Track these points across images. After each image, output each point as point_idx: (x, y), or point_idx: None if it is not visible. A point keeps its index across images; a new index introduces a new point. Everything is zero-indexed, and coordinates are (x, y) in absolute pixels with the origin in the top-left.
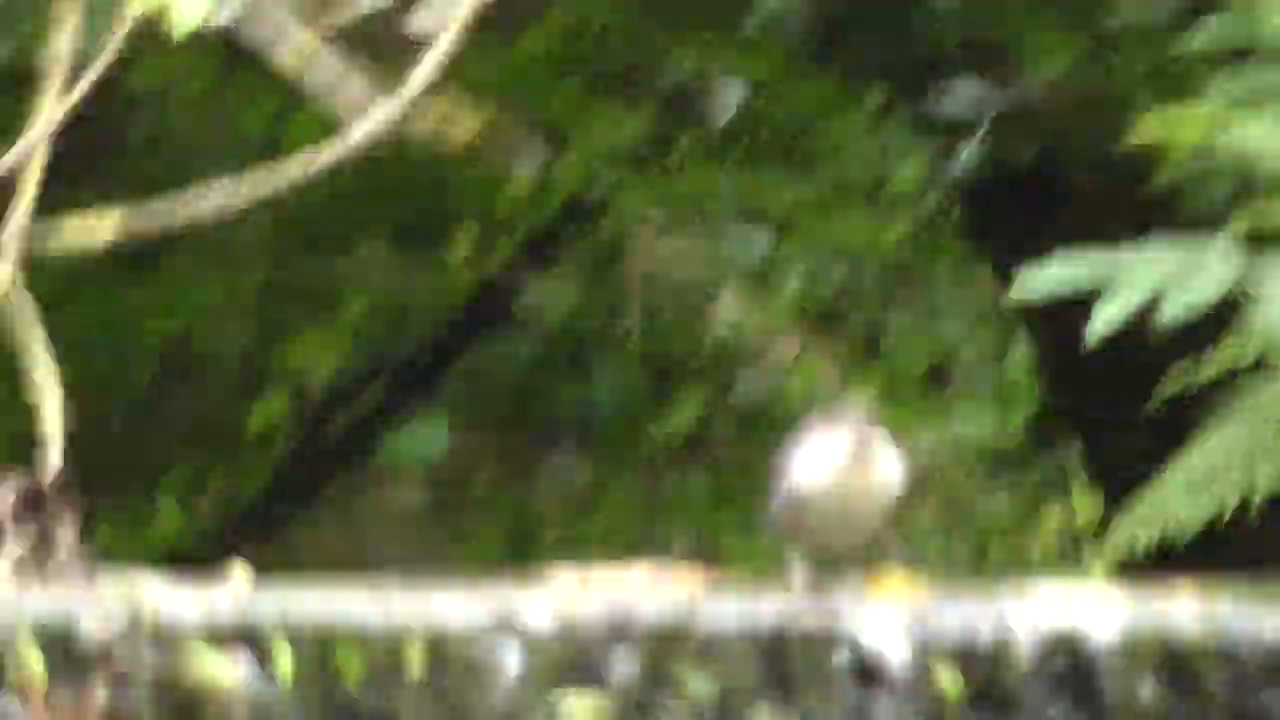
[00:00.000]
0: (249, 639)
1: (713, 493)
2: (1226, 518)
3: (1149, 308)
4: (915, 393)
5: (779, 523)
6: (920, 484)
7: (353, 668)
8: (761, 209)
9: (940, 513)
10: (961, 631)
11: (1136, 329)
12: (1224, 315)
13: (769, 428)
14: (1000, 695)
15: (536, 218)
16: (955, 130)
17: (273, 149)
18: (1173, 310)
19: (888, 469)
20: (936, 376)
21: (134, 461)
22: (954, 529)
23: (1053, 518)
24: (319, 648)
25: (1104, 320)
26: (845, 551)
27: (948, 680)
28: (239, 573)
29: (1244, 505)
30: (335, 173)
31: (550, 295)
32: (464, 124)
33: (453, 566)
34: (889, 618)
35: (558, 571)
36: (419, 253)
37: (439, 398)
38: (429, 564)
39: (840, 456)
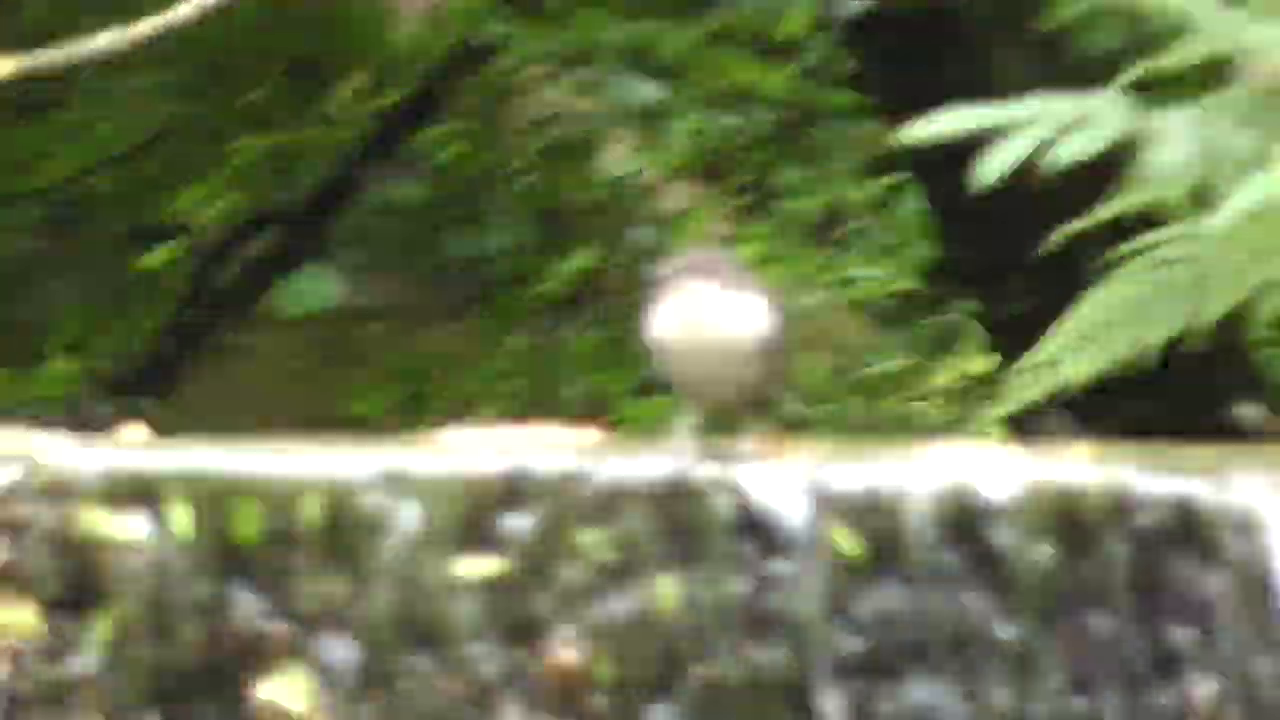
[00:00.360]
0: (144, 494)
1: (603, 345)
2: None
3: (1039, 156)
4: (805, 243)
5: (657, 376)
6: (809, 337)
7: (249, 523)
8: (651, 55)
9: (831, 366)
10: (856, 490)
11: (1027, 183)
12: (1114, 167)
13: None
14: (897, 555)
15: (425, 61)
16: None
17: None
18: (1064, 157)
19: (742, 320)
20: (826, 227)
21: (23, 312)
22: (845, 383)
23: (944, 372)
24: (214, 503)
25: (996, 165)
26: (730, 404)
27: (843, 539)
28: (133, 426)
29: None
30: (226, 14)
31: (439, 141)
32: None
33: (343, 419)
34: (783, 475)
35: (452, 429)
36: (309, 96)
37: (328, 246)
38: (319, 416)
39: (688, 309)
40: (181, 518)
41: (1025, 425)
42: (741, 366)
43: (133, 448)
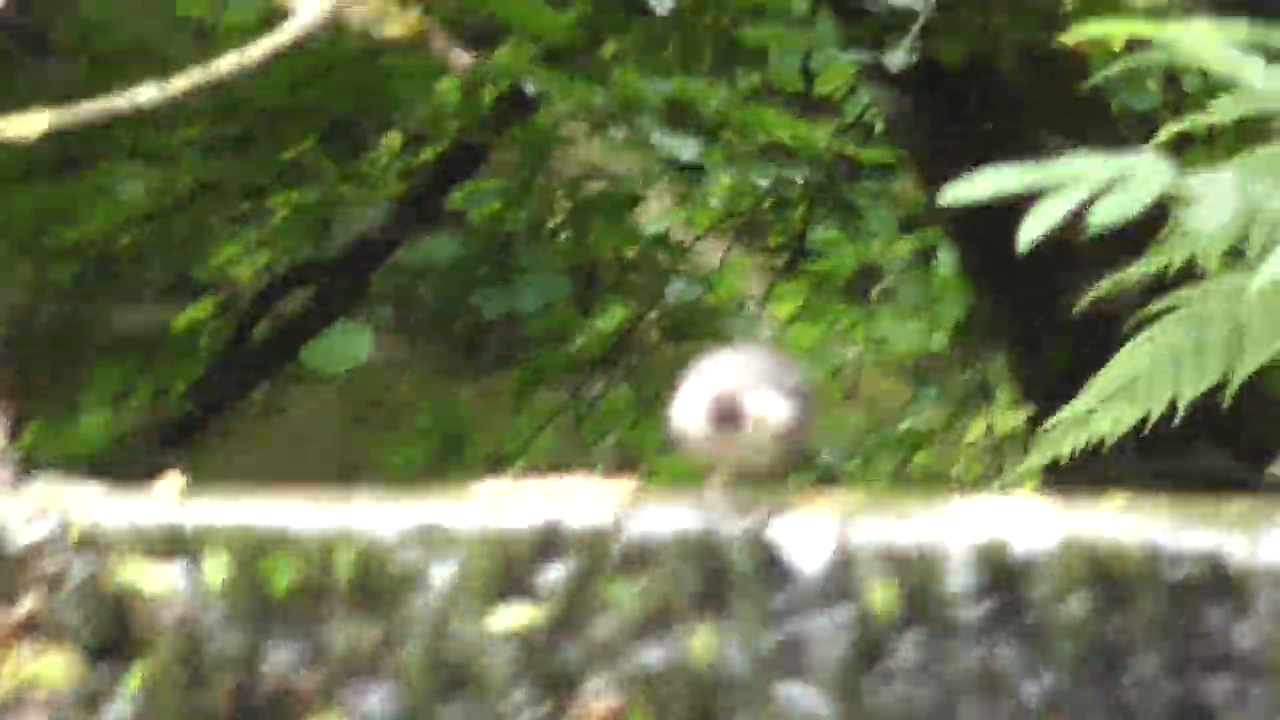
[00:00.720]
0: (178, 547)
1: (637, 401)
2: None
3: (1079, 215)
4: (840, 299)
5: (680, 440)
6: (843, 393)
7: (281, 577)
8: (690, 112)
9: (864, 422)
10: (890, 544)
11: (1063, 239)
12: (1151, 226)
13: (694, 335)
14: (931, 608)
15: (467, 118)
16: (886, 30)
17: (208, 44)
18: (1105, 217)
19: (761, 416)
20: (860, 284)
21: (60, 365)
22: (877, 439)
23: (978, 427)
24: (248, 556)
25: (1037, 224)
26: (757, 471)
27: (878, 592)
28: (168, 479)
29: (1170, 413)
30: (267, 72)
31: (476, 198)
32: (398, 20)
33: (377, 475)
34: (814, 528)
35: (485, 483)
36: (348, 154)
37: (363, 303)
38: (353, 473)
39: (703, 411)
40: (215, 570)
41: (1058, 479)
42: (759, 456)
43: (167, 501)
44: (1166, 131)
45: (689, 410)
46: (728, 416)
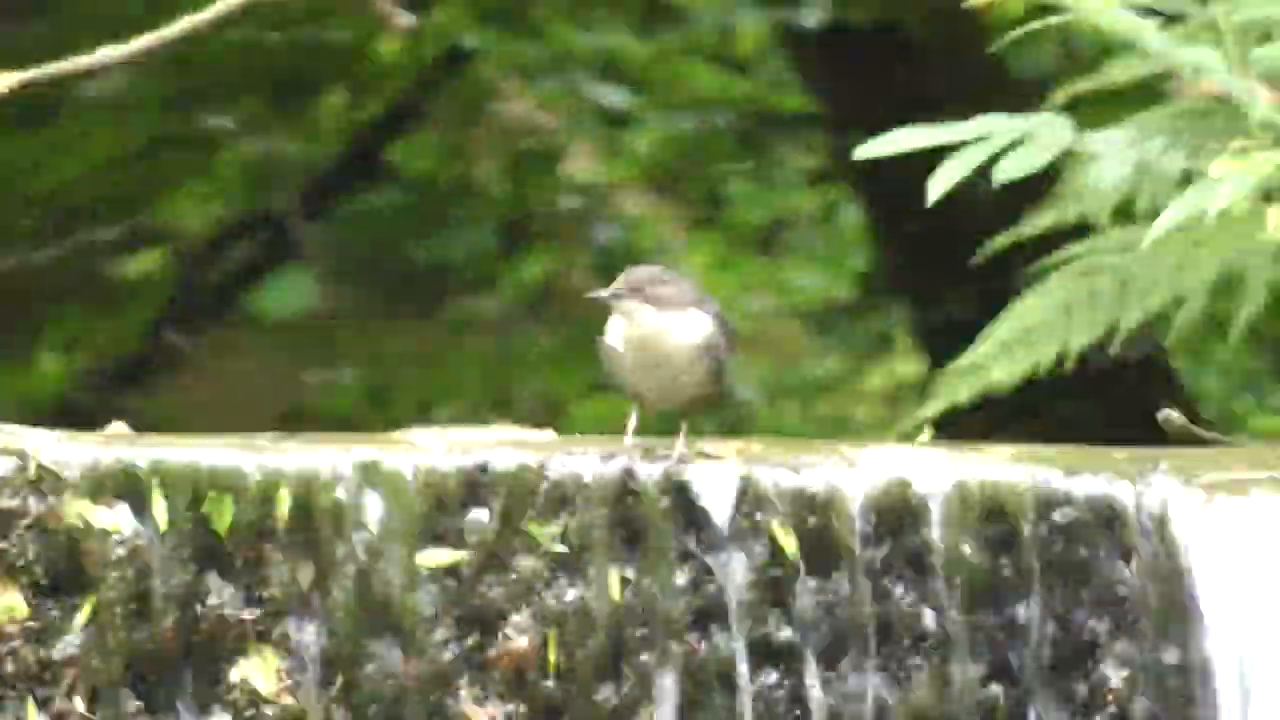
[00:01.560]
0: (128, 487)
1: (558, 348)
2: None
3: (979, 173)
4: (751, 251)
5: (609, 381)
6: (750, 342)
7: (224, 516)
8: (618, 65)
9: (771, 370)
10: (795, 488)
11: (961, 197)
12: (1044, 184)
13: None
14: (832, 549)
15: (404, 77)
16: None
17: (161, 13)
18: (1007, 173)
19: (683, 333)
20: (771, 236)
21: (16, 312)
22: (783, 386)
23: (878, 375)
24: (193, 496)
25: (943, 179)
26: (676, 408)
27: (782, 534)
28: (118, 423)
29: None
30: (217, 34)
31: (413, 152)
32: None
33: (317, 418)
34: (723, 473)
35: (417, 428)
36: (292, 110)
37: (305, 253)
38: (296, 414)
39: (636, 323)
40: (162, 510)
41: (953, 426)
42: (682, 374)
43: (118, 443)
44: (1064, 92)
45: (620, 331)
46: (657, 328)
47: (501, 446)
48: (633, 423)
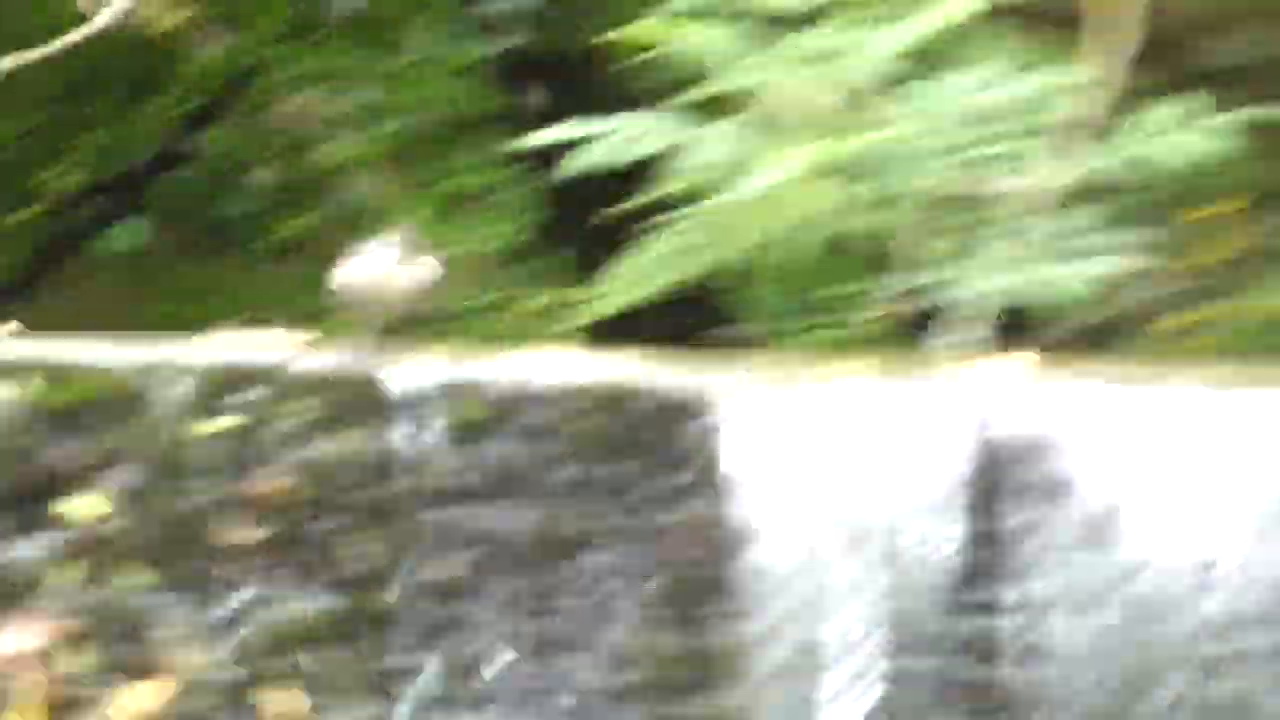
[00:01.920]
0: (6, 373)
1: (312, 279)
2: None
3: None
4: (459, 211)
5: (340, 305)
6: (453, 276)
7: (64, 395)
8: (372, 75)
9: (468, 297)
10: (469, 380)
11: (610, 171)
12: (659, 163)
13: (362, 229)
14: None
15: (215, 79)
16: (507, 25)
17: (52, 33)
18: (629, 156)
19: (408, 276)
20: (475, 200)
21: None
22: (474, 308)
23: (545, 298)
24: (49, 380)
25: (581, 161)
26: (391, 323)
27: (453, 416)
28: (7, 324)
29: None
30: (89, 47)
31: (219, 137)
32: (169, 17)
33: (149, 326)
34: (414, 368)
35: (221, 330)
36: (136, 104)
37: (141, 207)
38: (133, 324)
39: (372, 267)
40: (29, 390)
41: (606, 338)
42: (395, 309)
43: (4, 338)
44: (684, 99)
45: (347, 277)
46: (376, 272)
47: (265, 345)
48: (360, 334)
